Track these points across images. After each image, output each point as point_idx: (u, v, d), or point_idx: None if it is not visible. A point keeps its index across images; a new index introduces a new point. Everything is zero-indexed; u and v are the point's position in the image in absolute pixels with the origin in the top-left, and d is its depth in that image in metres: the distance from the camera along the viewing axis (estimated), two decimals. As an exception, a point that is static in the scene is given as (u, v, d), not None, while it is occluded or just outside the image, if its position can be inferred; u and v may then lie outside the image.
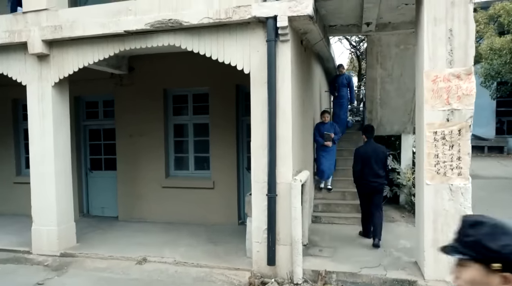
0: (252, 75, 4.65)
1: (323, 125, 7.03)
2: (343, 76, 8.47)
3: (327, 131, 6.92)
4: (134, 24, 4.90)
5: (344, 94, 8.35)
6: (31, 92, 5.56)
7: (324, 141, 6.91)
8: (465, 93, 4.03)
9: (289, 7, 4.33)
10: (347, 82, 8.31)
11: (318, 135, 6.98)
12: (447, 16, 4.00)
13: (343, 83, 8.31)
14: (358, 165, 5.65)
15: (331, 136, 6.93)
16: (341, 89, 8.33)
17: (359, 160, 5.66)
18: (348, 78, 8.50)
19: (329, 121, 7.08)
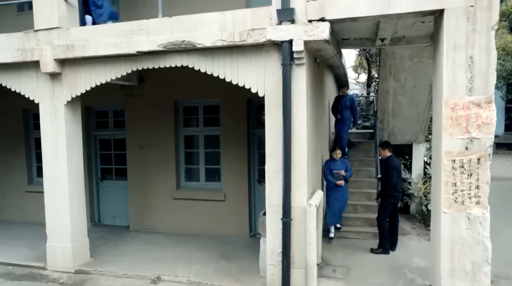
0: (266, 99, 4.60)
1: (334, 163, 6.44)
2: (346, 97, 7.97)
3: (338, 170, 6.34)
4: (147, 45, 4.85)
5: (348, 117, 7.87)
6: (43, 110, 5.55)
7: (336, 181, 6.29)
8: (485, 122, 3.95)
9: (305, 31, 4.26)
10: (350, 104, 7.84)
11: (329, 174, 6.37)
12: (468, 43, 3.91)
13: (346, 105, 7.84)
14: (394, 177, 5.96)
15: (342, 174, 6.34)
16: (345, 111, 7.85)
17: (394, 172, 5.96)
18: (351, 99, 8.01)
19: (340, 159, 6.50)
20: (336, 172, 6.31)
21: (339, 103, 7.93)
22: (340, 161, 6.46)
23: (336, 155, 6.41)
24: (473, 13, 3.87)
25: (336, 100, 8.09)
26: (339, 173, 6.31)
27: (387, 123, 7.85)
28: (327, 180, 6.37)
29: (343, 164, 6.49)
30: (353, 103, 7.91)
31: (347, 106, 7.81)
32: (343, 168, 6.42)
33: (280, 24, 4.39)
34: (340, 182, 6.29)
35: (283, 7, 4.31)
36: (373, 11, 4.14)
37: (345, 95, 7.96)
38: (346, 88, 8.15)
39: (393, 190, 5.94)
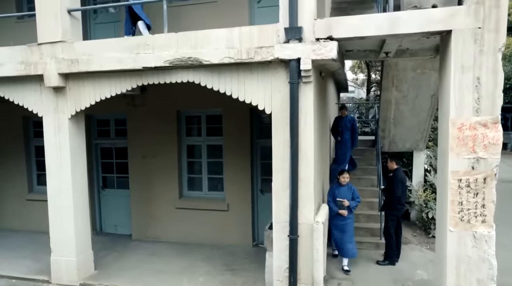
0: (273, 116, 4.61)
1: (339, 189, 5.83)
2: (347, 118, 7.70)
3: (342, 197, 5.74)
4: (153, 61, 4.83)
5: (348, 139, 7.59)
6: (47, 124, 5.52)
7: (338, 210, 5.74)
8: (491, 142, 4.00)
9: (313, 50, 4.27)
10: (350, 125, 7.59)
11: (332, 201, 5.78)
12: (475, 64, 3.94)
13: (347, 126, 7.58)
14: (399, 190, 6.01)
15: (346, 205, 5.70)
16: (345, 133, 7.58)
17: (399, 185, 6.02)
18: (351, 120, 7.74)
19: (348, 184, 5.88)
20: (339, 200, 5.72)
21: (339, 124, 7.72)
22: (346, 187, 5.84)
23: (344, 180, 5.82)
24: (481, 35, 3.90)
25: (335, 121, 7.86)
26: (342, 202, 5.70)
27: (388, 131, 7.90)
28: (330, 207, 5.77)
29: (349, 190, 5.85)
30: (353, 125, 7.70)
31: (347, 128, 7.61)
32: (349, 195, 5.80)
33: (287, 42, 4.39)
34: (342, 212, 5.71)
35: (291, 25, 4.31)
36: (380, 31, 4.16)
37: (345, 116, 7.75)
38: (345, 110, 7.91)
39: (397, 202, 6.00)
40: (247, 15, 6.79)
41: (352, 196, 5.81)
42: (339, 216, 5.77)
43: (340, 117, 7.76)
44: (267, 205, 7.08)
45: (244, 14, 6.76)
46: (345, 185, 5.84)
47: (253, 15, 6.88)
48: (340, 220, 5.79)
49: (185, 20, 6.53)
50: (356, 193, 5.88)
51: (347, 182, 5.87)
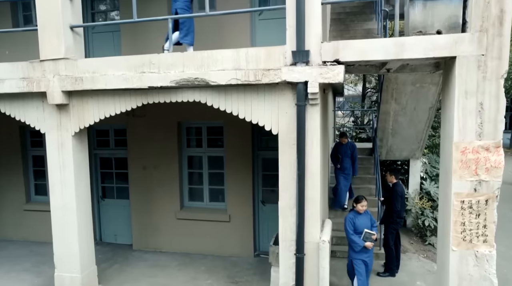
0: (280, 137, 4.67)
1: (357, 216, 5.26)
2: (347, 145, 7.58)
3: (363, 227, 5.18)
4: (159, 81, 4.83)
5: (348, 166, 7.50)
6: (50, 141, 5.48)
7: (363, 243, 5.12)
8: (494, 165, 4.12)
9: (320, 73, 4.33)
10: (351, 152, 7.48)
11: (353, 233, 5.17)
12: (478, 90, 4.05)
13: (347, 153, 7.49)
14: (399, 204, 6.14)
15: (374, 238, 5.17)
16: (345, 160, 7.50)
17: (399, 199, 6.14)
18: (352, 147, 7.58)
19: (366, 211, 5.35)
20: (367, 232, 5.15)
21: (339, 151, 7.61)
22: (365, 213, 5.31)
23: (362, 208, 5.25)
24: (484, 62, 4.00)
25: (335, 148, 7.74)
26: (371, 233, 5.16)
27: (386, 141, 8.03)
28: (351, 240, 5.17)
29: (367, 216, 5.33)
30: (353, 152, 7.54)
31: (347, 155, 7.50)
32: (368, 223, 5.28)
33: (294, 64, 4.44)
34: (369, 244, 5.14)
35: (298, 49, 4.36)
36: (386, 55, 4.23)
37: (345, 143, 7.59)
38: (346, 137, 7.72)
39: (396, 216, 6.14)
40: (249, 27, 6.83)
41: (371, 223, 5.34)
42: (363, 249, 5.16)
43: (340, 144, 7.64)
44: (268, 216, 7.20)
45: (246, 26, 6.80)
46: (363, 212, 5.29)
47: (254, 27, 6.91)
48: (365, 252, 5.20)
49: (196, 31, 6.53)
50: (373, 219, 5.45)
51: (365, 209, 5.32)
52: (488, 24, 3.96)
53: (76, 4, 5.42)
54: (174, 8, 5.66)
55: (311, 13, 4.36)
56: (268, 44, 6.63)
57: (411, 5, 4.28)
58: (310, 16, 4.37)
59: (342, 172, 7.57)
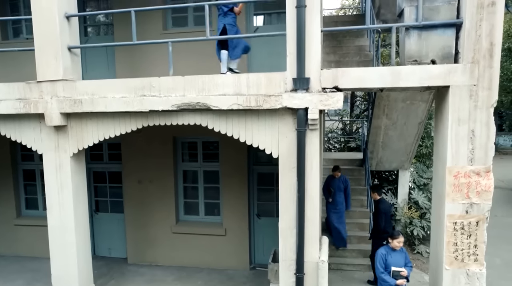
0: (280, 160, 4.79)
1: (391, 254, 4.91)
2: (339, 179, 7.32)
3: (396, 265, 4.81)
4: (160, 105, 4.88)
5: (341, 201, 7.22)
6: (47, 161, 5.44)
7: (395, 282, 4.74)
8: (484, 189, 4.36)
9: (320, 101, 4.46)
10: (344, 187, 7.23)
11: (384, 271, 4.82)
12: (470, 118, 4.26)
13: (340, 187, 7.22)
14: (383, 221, 6.28)
15: (405, 274, 4.77)
16: (337, 195, 7.21)
17: (383, 217, 6.29)
18: (345, 181, 7.31)
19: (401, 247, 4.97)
20: (396, 270, 4.76)
21: (331, 185, 7.34)
22: (400, 251, 4.94)
23: (399, 244, 4.89)
24: (475, 92, 4.21)
25: (327, 181, 7.45)
26: (399, 271, 4.77)
27: (377, 153, 8.27)
28: (382, 279, 4.80)
29: (402, 254, 4.95)
30: (347, 186, 7.32)
31: (340, 189, 7.24)
32: (402, 261, 4.92)
33: (294, 90, 4.56)
34: (400, 282, 4.74)
35: (299, 76, 4.48)
36: (383, 83, 4.40)
37: (338, 177, 7.33)
38: (339, 171, 7.41)
39: (382, 232, 6.22)
40: (244, 43, 6.90)
41: (405, 262, 4.97)
42: None
43: (333, 177, 7.41)
44: (263, 229, 7.33)
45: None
46: (399, 250, 4.93)
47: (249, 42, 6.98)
48: None
49: (188, 46, 6.58)
50: (408, 257, 5.03)
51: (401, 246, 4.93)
52: (480, 56, 4.17)
53: (73, 25, 5.40)
54: (222, 23, 5.56)
55: (311, 41, 4.49)
56: (264, 60, 6.82)
57: (406, 35, 4.45)
58: (310, 44, 4.49)
59: (334, 208, 7.29)
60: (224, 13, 5.53)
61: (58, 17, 5.14)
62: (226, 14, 5.53)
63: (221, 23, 5.52)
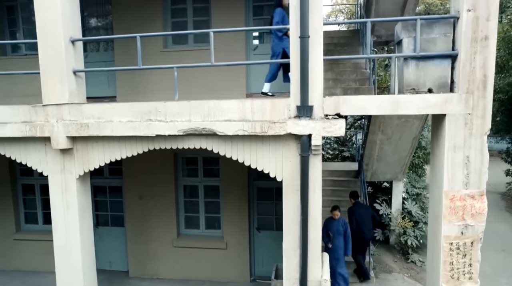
0: (284, 183, 4.95)
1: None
2: (339, 221, 6.76)
3: None
4: (167, 130, 4.99)
5: (341, 245, 6.70)
6: (53, 183, 5.51)
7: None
8: (478, 212, 4.60)
9: (323, 128, 4.64)
10: (343, 230, 6.72)
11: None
12: (465, 145, 4.49)
13: (339, 231, 6.70)
14: (353, 225, 7.14)
15: None
16: (337, 239, 6.69)
17: (353, 220, 7.17)
18: (344, 224, 6.79)
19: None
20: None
21: (331, 228, 6.78)
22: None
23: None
24: (470, 120, 4.44)
25: (326, 224, 6.83)
26: None
27: (372, 166, 8.51)
28: None
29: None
30: (346, 229, 6.79)
31: (339, 232, 6.71)
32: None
33: (298, 117, 4.73)
34: None
35: (303, 104, 4.64)
36: (383, 111, 4.59)
37: (337, 218, 6.78)
38: (338, 210, 6.84)
39: (355, 234, 7.04)
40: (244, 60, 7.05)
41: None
42: None
43: (331, 219, 6.84)
44: (263, 242, 7.51)
45: (242, 60, 7.02)
46: None
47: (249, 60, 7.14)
48: None
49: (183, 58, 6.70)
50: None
51: None
52: (474, 87, 4.40)
53: (78, 48, 5.49)
54: (281, 48, 5.75)
55: (314, 70, 4.66)
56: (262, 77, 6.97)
57: (405, 64, 4.65)
58: (313, 73, 4.65)
59: (334, 254, 6.70)
60: (280, 38, 5.78)
61: (64, 41, 5.21)
62: (282, 38, 5.76)
63: (279, 47, 5.82)
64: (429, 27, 4.57)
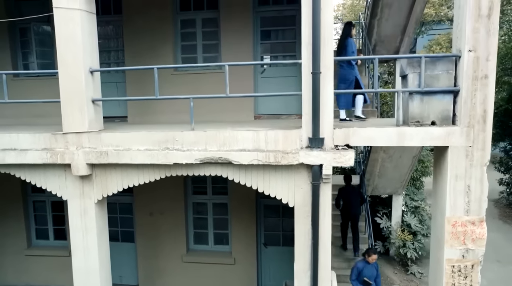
0: (296, 209, 5.23)
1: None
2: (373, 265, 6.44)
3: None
4: (184, 158, 5.24)
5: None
6: (72, 207, 5.73)
7: None
8: (478, 237, 4.92)
9: (334, 158, 4.92)
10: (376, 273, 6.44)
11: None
12: (466, 175, 4.81)
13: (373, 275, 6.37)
14: (337, 203, 8.07)
15: None
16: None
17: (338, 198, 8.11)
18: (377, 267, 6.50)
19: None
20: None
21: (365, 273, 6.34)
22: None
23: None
24: (471, 152, 4.76)
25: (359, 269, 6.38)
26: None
27: (373, 181, 8.83)
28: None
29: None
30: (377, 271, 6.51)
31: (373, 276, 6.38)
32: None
33: (309, 147, 5.01)
34: None
35: (314, 136, 4.92)
36: (390, 142, 4.90)
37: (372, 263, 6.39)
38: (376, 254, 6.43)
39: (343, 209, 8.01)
40: (252, 84, 7.33)
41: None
42: None
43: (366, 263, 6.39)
44: (270, 257, 7.79)
45: (249, 83, 7.30)
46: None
47: (256, 84, 7.43)
48: None
49: (198, 86, 6.98)
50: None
51: None
52: (474, 121, 4.71)
53: (96, 78, 5.70)
54: (353, 75, 6.18)
55: (325, 103, 4.93)
56: (269, 100, 7.24)
57: (410, 98, 4.95)
58: (324, 106, 4.92)
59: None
60: (352, 66, 6.20)
61: (84, 72, 5.43)
62: (353, 66, 6.19)
63: (352, 75, 6.25)
64: (432, 64, 4.88)
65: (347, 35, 6.38)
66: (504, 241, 10.93)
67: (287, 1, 7.19)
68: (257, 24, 7.32)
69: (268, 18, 7.31)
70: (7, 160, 5.67)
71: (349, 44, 6.32)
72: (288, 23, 7.28)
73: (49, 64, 7.83)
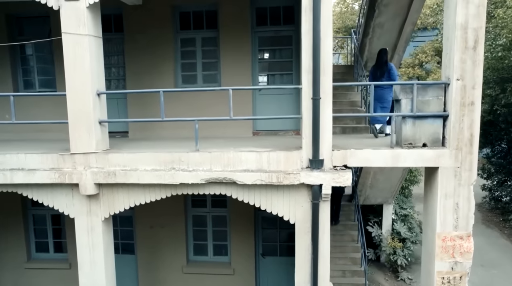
0: (297, 226, 5.53)
1: None
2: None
3: None
4: (190, 178, 5.48)
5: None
6: (79, 225, 5.90)
7: None
8: (466, 250, 5.31)
9: (333, 178, 5.23)
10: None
11: None
12: (455, 193, 5.19)
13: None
14: None
15: None
16: None
17: None
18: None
19: None
20: None
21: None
22: None
23: None
24: (459, 172, 5.14)
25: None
26: None
27: (365, 191, 9.21)
28: None
29: None
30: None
31: None
32: None
33: (309, 168, 5.31)
34: None
35: (314, 158, 5.23)
36: (384, 163, 5.24)
37: None
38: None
39: None
40: (250, 101, 7.60)
41: None
42: None
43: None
44: (268, 268, 8.07)
45: (248, 99, 7.56)
46: None
47: (255, 101, 7.71)
48: None
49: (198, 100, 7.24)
50: None
51: None
52: (462, 144, 5.09)
53: (102, 100, 5.89)
54: (391, 97, 6.51)
55: (324, 127, 5.24)
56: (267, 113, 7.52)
57: (403, 122, 5.31)
58: (323, 129, 5.23)
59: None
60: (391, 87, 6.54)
61: (92, 95, 5.62)
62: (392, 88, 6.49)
63: (390, 95, 6.62)
64: (424, 90, 5.24)
65: (386, 60, 6.92)
66: (487, 246, 11.46)
67: (284, 22, 7.50)
68: (255, 44, 7.60)
69: (265, 38, 7.60)
70: (15, 180, 5.81)
71: (391, 67, 6.88)
72: (285, 43, 7.58)
73: (49, 80, 7.95)
